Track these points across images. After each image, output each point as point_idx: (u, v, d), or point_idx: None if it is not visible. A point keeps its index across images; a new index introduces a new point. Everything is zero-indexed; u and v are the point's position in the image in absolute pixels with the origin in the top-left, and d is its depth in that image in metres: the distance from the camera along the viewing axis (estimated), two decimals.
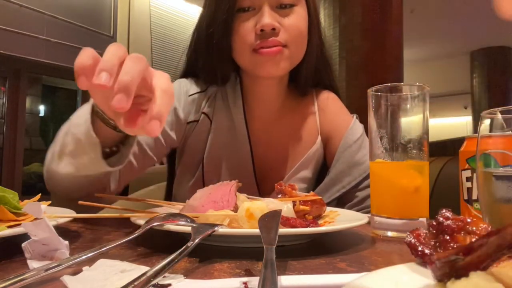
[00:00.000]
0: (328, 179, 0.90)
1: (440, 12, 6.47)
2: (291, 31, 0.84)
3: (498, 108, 0.52)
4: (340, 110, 0.99)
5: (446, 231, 0.32)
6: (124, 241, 0.43)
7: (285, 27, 0.83)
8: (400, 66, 3.37)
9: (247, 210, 0.51)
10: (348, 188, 0.87)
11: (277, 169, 0.93)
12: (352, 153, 0.88)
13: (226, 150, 0.91)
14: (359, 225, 0.52)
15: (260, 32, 0.82)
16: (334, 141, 0.94)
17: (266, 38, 0.82)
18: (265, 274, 0.29)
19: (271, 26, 0.81)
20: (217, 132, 0.92)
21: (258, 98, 0.94)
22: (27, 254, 0.39)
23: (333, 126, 0.95)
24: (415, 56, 8.04)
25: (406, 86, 0.62)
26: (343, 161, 0.89)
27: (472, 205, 0.63)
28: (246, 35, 0.83)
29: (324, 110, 0.97)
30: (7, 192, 0.52)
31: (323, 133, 0.95)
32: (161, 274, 0.32)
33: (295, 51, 0.86)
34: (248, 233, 0.47)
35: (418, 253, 0.33)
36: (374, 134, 0.63)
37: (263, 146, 0.94)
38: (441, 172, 1.30)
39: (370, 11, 3.24)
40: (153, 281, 0.30)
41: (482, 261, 0.23)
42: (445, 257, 0.24)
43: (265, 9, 0.82)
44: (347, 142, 0.90)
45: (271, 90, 0.93)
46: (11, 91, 4.87)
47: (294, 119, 0.96)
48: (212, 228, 0.45)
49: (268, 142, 0.94)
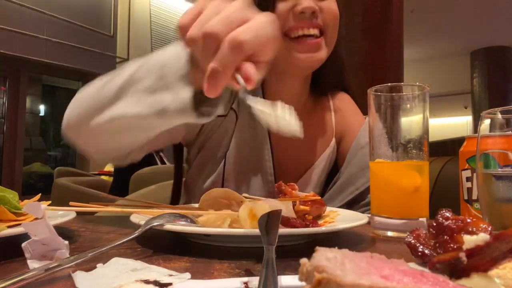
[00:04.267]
0: (341, 181, 0.89)
1: (440, 12, 6.47)
2: (329, 14, 0.83)
3: (498, 108, 0.53)
4: (354, 111, 0.98)
5: (446, 231, 0.32)
6: (124, 241, 0.43)
7: (323, 10, 0.82)
8: (400, 66, 3.37)
9: (250, 211, 0.51)
10: (362, 190, 0.86)
11: (293, 170, 0.92)
12: (365, 155, 0.86)
13: (247, 148, 0.89)
14: (359, 225, 0.52)
15: (299, 15, 0.80)
16: (346, 141, 0.93)
17: (305, 20, 0.80)
18: (265, 274, 0.29)
19: (311, 9, 0.80)
20: (241, 129, 0.89)
21: (281, 94, 0.90)
22: (27, 254, 0.39)
23: (346, 126, 0.94)
24: (415, 56, 8.05)
25: (406, 86, 0.62)
26: (356, 162, 0.88)
27: (472, 205, 0.63)
28: (282, 15, 0.81)
29: (339, 111, 0.96)
30: (7, 192, 0.52)
31: (337, 133, 0.95)
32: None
33: (331, 36, 0.85)
34: (249, 233, 0.47)
35: (418, 254, 0.33)
36: (374, 134, 0.63)
37: (282, 146, 0.92)
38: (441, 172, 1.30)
39: (370, 11, 3.24)
40: None
41: (483, 264, 0.23)
42: (446, 260, 0.24)
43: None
44: (359, 144, 0.89)
45: (294, 89, 0.91)
46: (11, 91, 4.87)
47: (312, 120, 0.95)
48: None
49: (287, 142, 0.93)
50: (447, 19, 6.73)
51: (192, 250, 0.48)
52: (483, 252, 0.23)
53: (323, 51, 0.83)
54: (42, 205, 0.42)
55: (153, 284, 0.32)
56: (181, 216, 0.52)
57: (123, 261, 0.39)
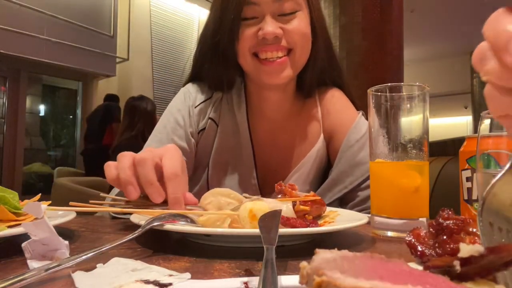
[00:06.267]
0: (330, 179, 0.90)
1: (440, 12, 6.47)
2: (294, 34, 0.85)
3: None
4: (345, 108, 0.98)
5: (445, 231, 0.32)
6: (124, 241, 0.43)
7: (288, 31, 0.84)
8: (400, 66, 3.37)
9: (250, 211, 0.51)
10: (350, 188, 0.86)
11: (281, 170, 0.94)
12: (354, 153, 0.88)
13: (230, 154, 0.93)
14: (359, 225, 0.52)
15: (263, 40, 0.83)
16: (337, 139, 0.93)
17: (268, 44, 0.83)
18: (265, 274, 0.29)
19: (273, 34, 0.82)
20: (222, 135, 0.93)
21: (263, 103, 0.95)
22: (27, 254, 0.39)
23: (337, 124, 0.95)
24: (415, 56, 8.04)
25: (406, 86, 0.62)
26: (345, 161, 0.89)
27: (472, 205, 0.63)
28: (248, 39, 0.85)
29: (328, 110, 0.97)
30: (7, 192, 0.52)
31: (326, 132, 0.96)
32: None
33: (300, 54, 0.87)
34: (249, 233, 0.47)
35: (417, 253, 0.33)
36: (374, 134, 0.63)
37: (268, 148, 0.95)
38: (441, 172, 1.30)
39: (370, 11, 3.24)
40: None
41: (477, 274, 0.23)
42: (440, 266, 0.24)
43: (267, 18, 0.83)
44: (349, 141, 0.90)
45: (276, 96, 0.94)
46: (11, 91, 4.87)
47: (298, 120, 0.97)
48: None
49: (273, 144, 0.95)
50: (447, 19, 6.73)
51: (192, 250, 0.48)
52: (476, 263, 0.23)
53: (289, 69, 0.86)
54: (42, 205, 0.42)
55: (153, 284, 0.32)
56: (182, 216, 0.52)
57: (123, 261, 0.39)
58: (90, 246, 0.49)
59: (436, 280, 0.22)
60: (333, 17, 3.41)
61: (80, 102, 5.58)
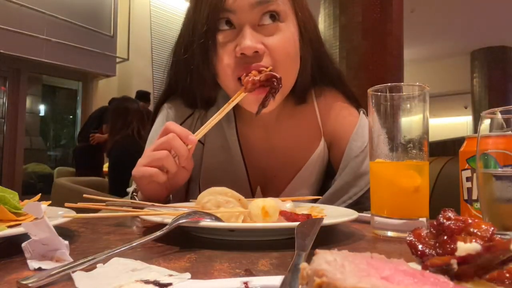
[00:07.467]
0: (333, 189, 0.87)
1: (440, 12, 6.47)
2: (277, 53, 0.76)
3: (498, 108, 0.53)
4: (343, 109, 0.93)
5: (446, 231, 0.32)
6: (149, 239, 0.44)
7: (270, 48, 0.76)
8: (400, 66, 3.36)
9: (262, 208, 0.52)
10: (355, 199, 0.85)
11: (281, 177, 0.91)
12: (358, 163, 0.85)
13: (221, 171, 0.89)
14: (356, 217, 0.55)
15: (241, 55, 0.74)
16: (339, 144, 0.90)
17: (249, 64, 0.74)
18: (288, 277, 0.28)
19: (252, 49, 0.73)
20: (210, 153, 0.89)
21: (252, 114, 0.85)
22: (27, 254, 0.39)
23: (337, 128, 0.91)
24: (415, 56, 8.04)
25: (406, 86, 0.62)
26: (349, 172, 0.86)
27: (472, 205, 0.63)
28: (227, 60, 0.76)
29: (326, 111, 0.93)
30: (7, 192, 0.52)
31: (326, 134, 0.92)
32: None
33: (284, 75, 0.76)
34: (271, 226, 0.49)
35: (418, 253, 0.33)
36: (374, 134, 0.63)
37: (264, 155, 0.91)
38: (441, 172, 1.30)
39: (370, 11, 3.24)
40: None
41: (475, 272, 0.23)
42: (438, 264, 0.24)
43: (246, 30, 0.74)
44: (352, 151, 0.86)
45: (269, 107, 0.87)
46: (11, 91, 4.87)
47: (293, 124, 0.92)
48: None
49: (270, 150, 0.91)
50: (447, 19, 6.73)
51: (192, 250, 0.48)
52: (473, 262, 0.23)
53: (272, 100, 0.77)
54: (42, 205, 0.42)
55: (153, 284, 0.32)
56: (205, 213, 0.53)
57: (123, 261, 0.39)
58: (90, 246, 0.49)
59: (436, 280, 0.22)
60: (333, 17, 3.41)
61: (80, 102, 5.58)
